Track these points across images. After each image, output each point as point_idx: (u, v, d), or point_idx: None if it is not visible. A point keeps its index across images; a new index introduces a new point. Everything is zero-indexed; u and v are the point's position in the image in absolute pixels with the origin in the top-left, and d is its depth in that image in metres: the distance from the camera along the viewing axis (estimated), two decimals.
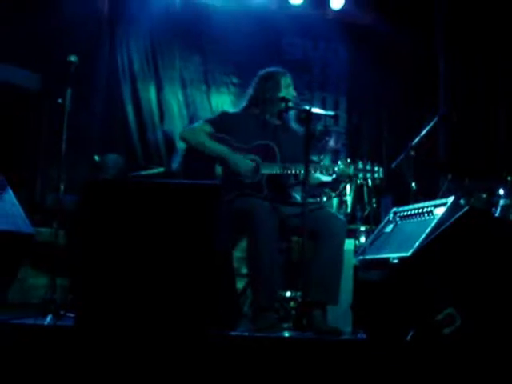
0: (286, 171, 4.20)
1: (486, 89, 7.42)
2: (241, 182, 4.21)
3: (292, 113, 4.49)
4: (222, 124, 4.38)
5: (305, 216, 3.82)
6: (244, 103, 4.55)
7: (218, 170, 4.27)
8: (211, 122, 4.43)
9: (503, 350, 2.98)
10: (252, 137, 4.32)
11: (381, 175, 4.21)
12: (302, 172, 4.08)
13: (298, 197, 4.52)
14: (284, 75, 4.45)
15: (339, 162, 4.27)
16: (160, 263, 3.17)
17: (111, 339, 3.01)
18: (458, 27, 7.38)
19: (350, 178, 4.25)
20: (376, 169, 4.21)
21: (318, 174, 4.30)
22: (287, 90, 4.40)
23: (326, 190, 5.56)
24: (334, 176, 4.21)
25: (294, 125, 4.52)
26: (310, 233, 3.90)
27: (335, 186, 5.26)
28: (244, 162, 4.23)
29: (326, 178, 4.29)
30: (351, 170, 4.17)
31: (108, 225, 3.27)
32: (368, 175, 4.20)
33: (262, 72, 4.51)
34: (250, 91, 4.52)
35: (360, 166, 4.18)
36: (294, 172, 4.21)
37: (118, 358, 2.94)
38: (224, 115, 4.54)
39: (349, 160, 4.27)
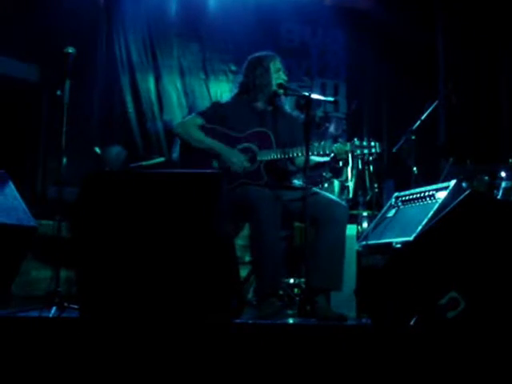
0: (285, 156, 4.16)
1: (487, 71, 7.40)
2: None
3: (285, 97, 4.44)
4: (214, 115, 4.32)
5: (306, 202, 3.81)
6: (235, 91, 4.47)
7: (215, 160, 4.23)
8: (203, 113, 4.37)
9: (508, 332, 2.98)
10: (246, 124, 4.27)
11: (378, 150, 4.12)
12: (300, 155, 4.09)
13: (297, 181, 4.51)
14: (273, 59, 4.35)
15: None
16: (163, 253, 3.17)
17: (116, 330, 3.01)
18: (457, 9, 7.35)
19: (348, 155, 4.18)
20: (373, 144, 4.12)
21: (314, 157, 4.24)
22: (278, 74, 4.31)
23: (325, 174, 5.56)
24: (332, 155, 4.15)
25: (287, 109, 4.48)
26: (311, 219, 3.89)
27: (334, 165, 5.25)
28: (237, 156, 4.17)
29: (324, 159, 4.25)
30: (348, 147, 4.12)
31: (110, 216, 3.26)
32: (365, 151, 4.13)
33: (250, 57, 4.42)
34: (241, 78, 4.44)
35: (356, 142, 4.12)
36: (292, 155, 4.16)
37: (122, 348, 2.95)
38: (215, 105, 4.48)
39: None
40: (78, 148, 5.63)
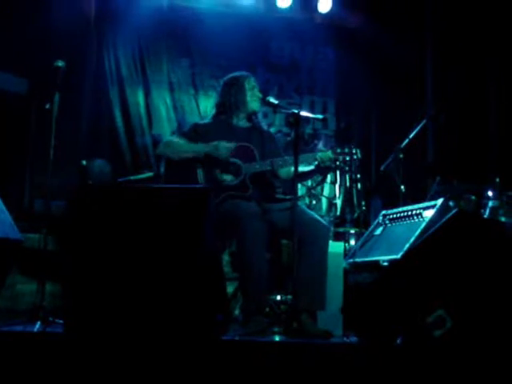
0: (269, 166, 4.24)
1: (475, 90, 7.44)
2: (224, 184, 4.21)
3: (261, 114, 4.53)
4: (194, 135, 4.39)
5: (295, 219, 3.81)
6: (213, 111, 4.59)
7: (200, 175, 4.26)
8: (184, 134, 4.46)
9: (495, 351, 2.99)
10: (227, 142, 4.32)
11: (359, 156, 4.21)
12: (283, 166, 4.20)
13: (281, 195, 4.55)
14: (247, 78, 4.47)
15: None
16: (150, 268, 3.16)
17: (100, 345, 2.99)
18: (446, 29, 7.40)
19: (331, 162, 4.23)
20: (354, 151, 4.20)
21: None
22: (252, 92, 4.43)
23: (307, 184, 5.57)
24: (316, 163, 4.20)
25: (263, 125, 4.57)
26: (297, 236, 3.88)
27: (318, 173, 5.28)
28: (223, 145, 4.25)
29: (309, 167, 4.30)
30: (330, 154, 4.18)
31: (97, 230, 3.25)
32: (347, 158, 4.19)
33: (225, 78, 4.55)
34: (218, 98, 4.56)
35: (338, 150, 4.20)
36: (276, 166, 4.23)
37: (107, 364, 2.93)
38: (195, 126, 4.54)
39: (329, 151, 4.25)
40: (66, 162, 5.61)
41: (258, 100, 4.42)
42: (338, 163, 4.22)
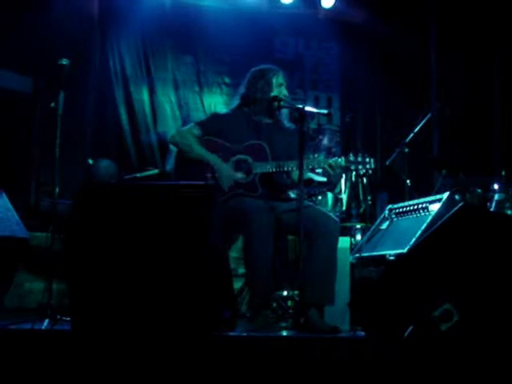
0: (279, 169, 4.17)
1: (480, 83, 7.43)
2: (235, 183, 4.19)
3: (284, 111, 4.45)
4: (211, 126, 4.33)
5: (301, 215, 3.80)
6: (235, 102, 4.48)
7: (209, 172, 4.23)
8: (200, 124, 4.38)
9: (501, 345, 2.98)
10: (243, 137, 4.27)
11: (372, 166, 4.13)
12: (294, 169, 4.10)
13: (292, 194, 4.52)
14: (276, 74, 4.35)
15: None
16: (156, 265, 3.17)
17: (108, 343, 3.00)
18: (450, 22, 7.39)
19: (343, 170, 4.19)
20: (367, 160, 4.13)
21: (311, 174, 4.27)
22: (279, 89, 4.32)
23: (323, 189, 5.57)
24: (327, 175, 4.17)
25: (286, 123, 4.49)
26: (303, 232, 3.87)
27: (331, 183, 5.25)
28: (227, 173, 4.19)
29: (321, 179, 4.27)
30: (343, 162, 4.13)
31: (103, 228, 3.26)
32: (360, 167, 4.14)
33: (253, 70, 4.42)
34: (242, 90, 4.44)
35: (351, 158, 4.13)
36: (287, 169, 4.17)
37: (115, 361, 2.94)
38: (214, 116, 4.49)
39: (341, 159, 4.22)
40: (72, 160, 5.62)
41: (283, 97, 4.28)
42: (352, 169, 4.18)
